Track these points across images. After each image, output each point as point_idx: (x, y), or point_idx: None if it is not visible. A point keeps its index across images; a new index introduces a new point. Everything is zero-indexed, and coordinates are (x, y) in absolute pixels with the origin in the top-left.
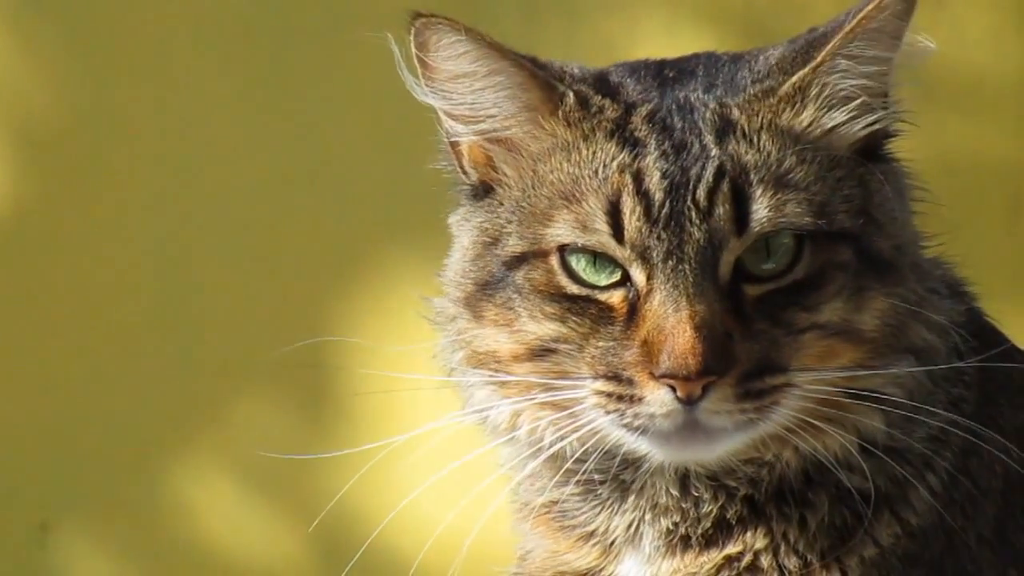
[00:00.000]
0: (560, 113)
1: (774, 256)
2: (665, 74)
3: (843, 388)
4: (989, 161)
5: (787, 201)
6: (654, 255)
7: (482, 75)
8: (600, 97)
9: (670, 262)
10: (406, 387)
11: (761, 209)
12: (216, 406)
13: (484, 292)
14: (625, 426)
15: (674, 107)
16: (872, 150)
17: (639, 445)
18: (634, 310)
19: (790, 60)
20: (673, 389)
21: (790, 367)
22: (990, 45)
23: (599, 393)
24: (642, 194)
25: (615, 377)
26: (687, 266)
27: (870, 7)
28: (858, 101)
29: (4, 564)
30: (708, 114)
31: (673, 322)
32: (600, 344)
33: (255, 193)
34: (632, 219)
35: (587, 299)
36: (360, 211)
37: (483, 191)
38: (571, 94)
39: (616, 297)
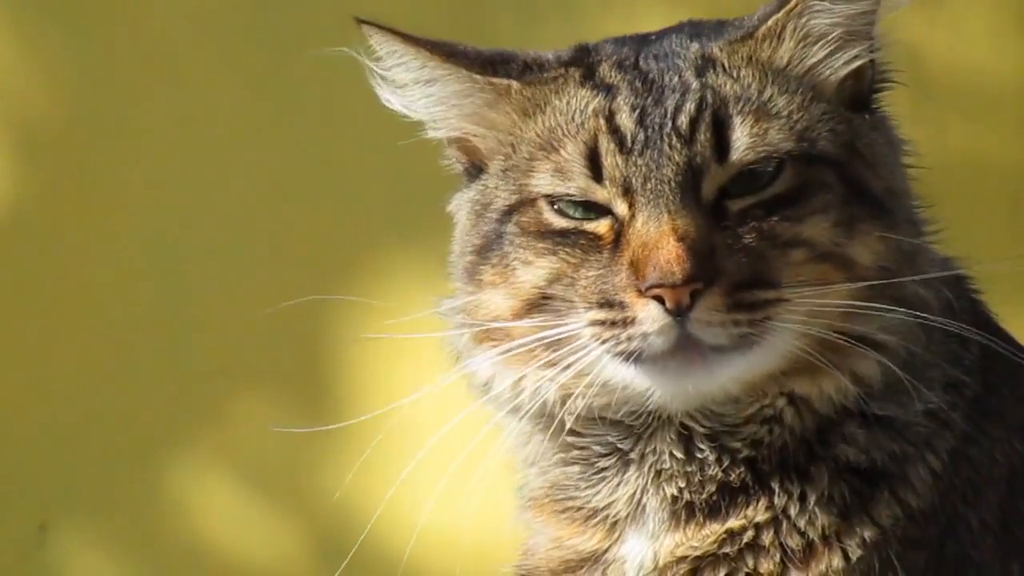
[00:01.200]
0: (512, 97)
1: (758, 180)
2: (648, 38)
3: (839, 331)
4: (989, 161)
5: (768, 129)
6: (633, 182)
7: (427, 81)
8: (557, 69)
9: (649, 184)
10: (408, 351)
11: (742, 137)
12: (215, 406)
13: (481, 256)
14: (620, 354)
15: (651, 55)
16: (861, 100)
17: (637, 380)
18: (619, 237)
19: (772, 7)
20: (662, 301)
21: (782, 283)
22: (990, 45)
23: (594, 323)
24: (615, 131)
25: (607, 303)
26: (667, 186)
27: None
28: (835, 35)
29: (4, 564)
30: (689, 54)
31: (656, 236)
32: (591, 273)
33: (255, 193)
34: (608, 156)
35: (576, 231)
36: (360, 211)
37: (475, 172)
38: (515, 83)
39: (603, 226)
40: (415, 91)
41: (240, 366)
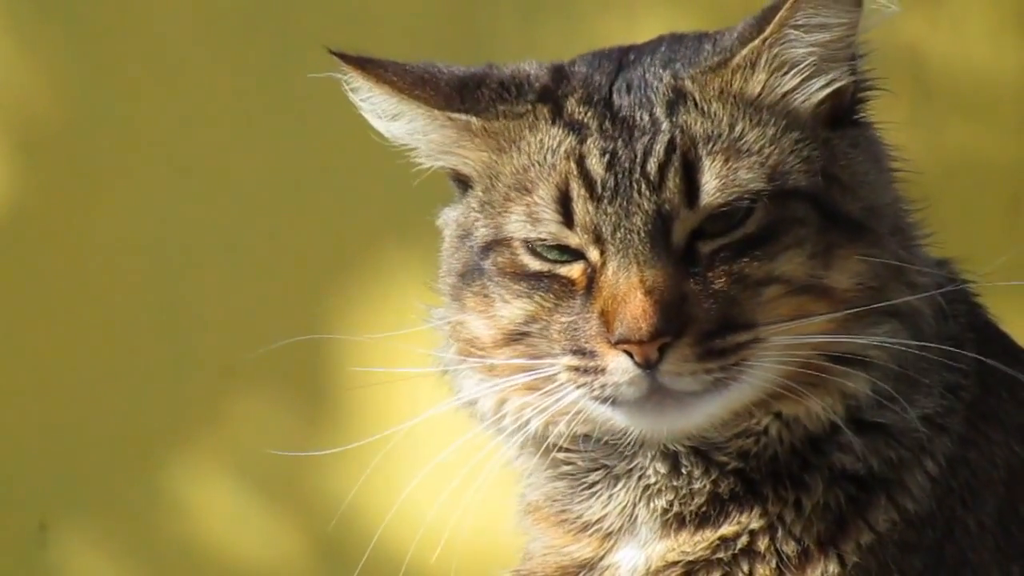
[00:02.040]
0: (493, 121)
1: (729, 220)
2: (627, 58)
3: (824, 352)
4: (989, 161)
5: (738, 168)
6: (604, 230)
7: (394, 115)
8: (526, 104)
9: (619, 233)
10: (404, 378)
11: (712, 180)
12: (215, 406)
13: (463, 281)
14: (596, 398)
15: (623, 86)
16: (841, 116)
17: (615, 418)
18: (592, 283)
19: (747, 33)
20: (631, 355)
21: (757, 323)
22: (990, 45)
23: (569, 368)
24: (585, 176)
25: (580, 351)
26: (635, 236)
27: None
28: (810, 62)
29: (4, 564)
30: (661, 87)
31: (624, 289)
32: (564, 319)
33: (255, 193)
34: (579, 203)
35: (550, 275)
36: (360, 211)
37: (465, 185)
38: (474, 120)
39: (576, 270)
40: (389, 122)
41: (240, 366)
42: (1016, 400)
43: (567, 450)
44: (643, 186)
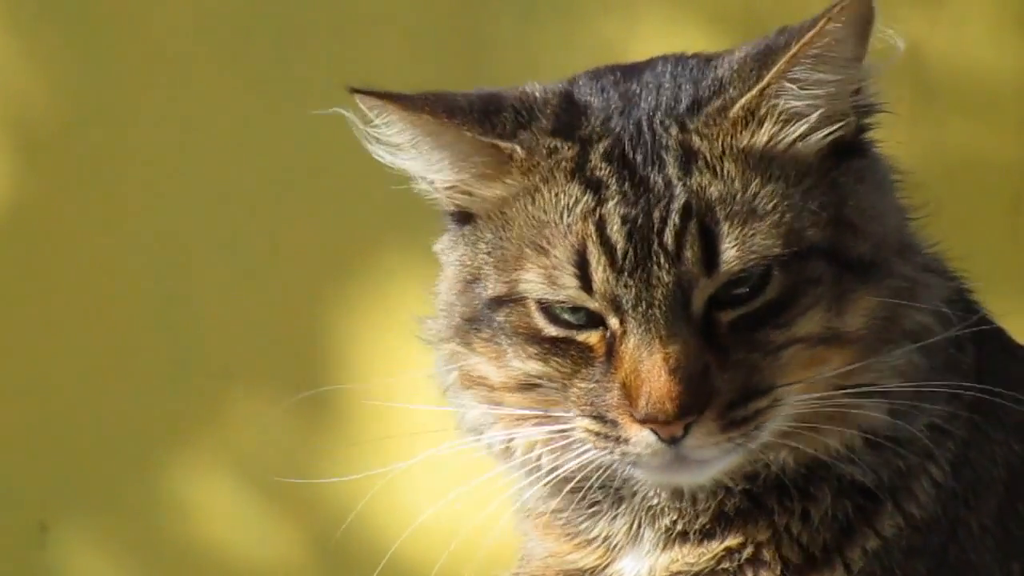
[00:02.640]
0: (512, 167)
1: (746, 283)
2: (631, 89)
3: (840, 387)
4: (989, 161)
5: (755, 233)
6: (624, 302)
7: (425, 145)
8: (551, 138)
9: (640, 307)
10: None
11: (730, 249)
12: (215, 407)
13: (472, 326)
14: (616, 459)
15: (635, 134)
16: (844, 151)
17: (631, 473)
18: (612, 350)
19: (746, 73)
20: (656, 431)
21: (776, 385)
22: (990, 45)
23: (586, 431)
24: (605, 243)
25: (600, 417)
26: (657, 310)
27: (811, 33)
28: (816, 114)
29: (4, 564)
30: (671, 142)
31: (648, 366)
32: (582, 385)
33: (255, 193)
34: (599, 270)
35: (567, 340)
36: (361, 212)
37: (465, 217)
38: (518, 149)
39: (594, 337)
40: (408, 153)
41: (240, 366)
42: (1015, 398)
43: (573, 479)
44: (662, 258)
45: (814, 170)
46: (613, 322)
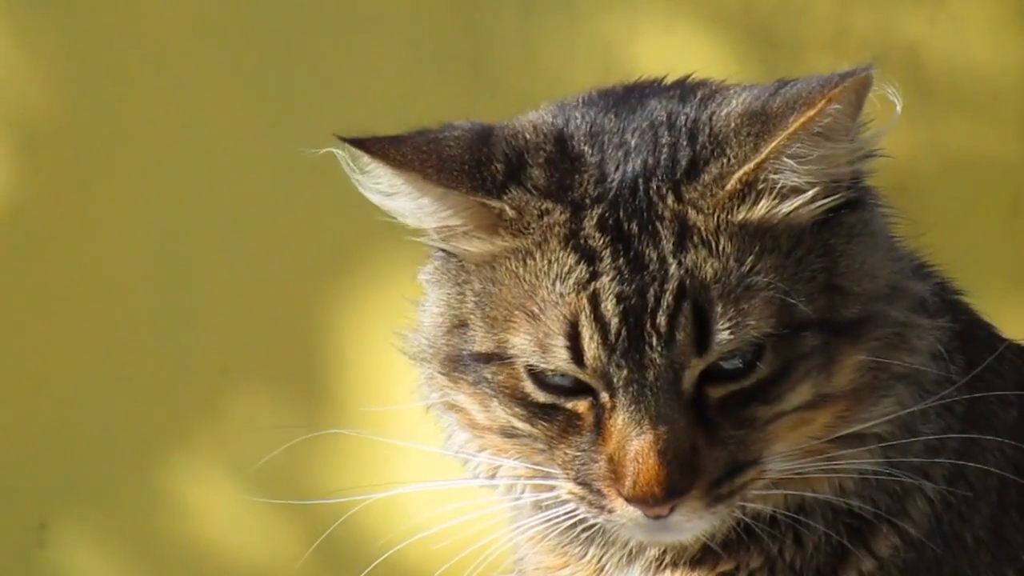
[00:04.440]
0: (501, 227)
1: (736, 359)
2: (625, 139)
3: (829, 435)
4: (989, 161)
5: (749, 312)
6: (615, 380)
7: (412, 196)
8: (543, 199)
9: (631, 388)
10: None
11: (723, 331)
12: (215, 406)
13: (457, 367)
14: (601, 521)
15: (630, 199)
16: (836, 210)
17: (617, 529)
18: (600, 421)
19: (743, 138)
20: (642, 510)
21: (760, 457)
22: (990, 45)
23: (572, 493)
24: (598, 319)
25: (586, 485)
26: (648, 391)
27: (811, 112)
28: (813, 190)
29: (3, 562)
30: (666, 212)
31: (636, 446)
32: (569, 452)
33: (255, 193)
34: (591, 346)
35: (554, 407)
36: (360, 211)
37: (452, 257)
38: (507, 209)
39: (582, 406)
40: (397, 200)
41: (240, 366)
42: (1003, 401)
43: (558, 515)
44: (654, 339)
45: (807, 236)
46: (603, 396)
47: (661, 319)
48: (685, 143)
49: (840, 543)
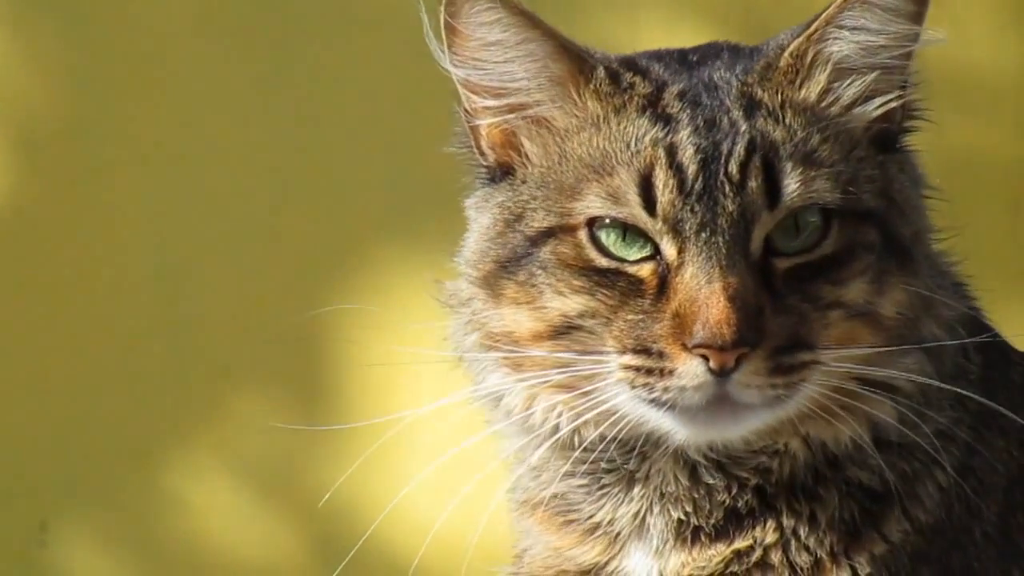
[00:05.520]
0: (591, 87)
1: (803, 233)
2: (689, 59)
3: (858, 377)
4: (989, 161)
5: (816, 177)
6: (687, 228)
7: (513, 43)
8: (631, 74)
9: (703, 234)
10: (410, 362)
11: (792, 183)
12: (215, 405)
13: (505, 270)
14: (652, 401)
15: (701, 86)
16: (888, 142)
17: (663, 422)
18: (664, 283)
19: (798, 29)
20: (706, 360)
21: (818, 345)
22: (990, 44)
23: (627, 368)
24: (675, 167)
25: (644, 350)
26: (720, 238)
27: None
28: (866, 75)
29: (4, 564)
30: (733, 92)
31: (707, 293)
32: (629, 317)
33: (255, 192)
34: (666, 192)
35: (616, 272)
36: (360, 211)
37: (501, 173)
38: (601, 68)
39: (646, 270)
40: (498, 52)
41: (240, 366)
42: (1014, 404)
43: (586, 449)
44: (727, 187)
45: (864, 146)
46: (670, 251)
47: (733, 167)
48: (749, 53)
49: (852, 522)
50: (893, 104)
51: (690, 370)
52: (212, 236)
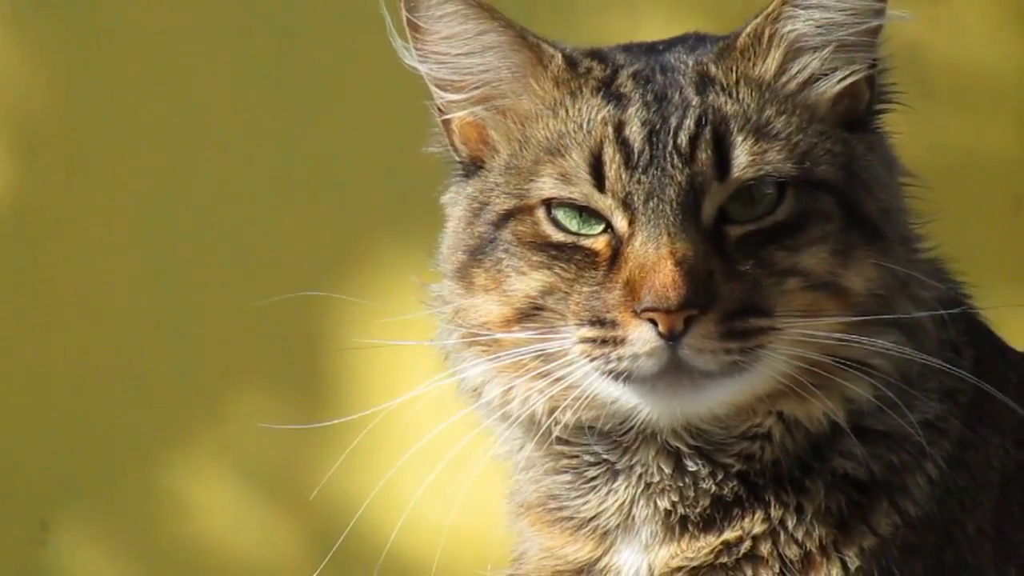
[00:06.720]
0: (549, 73)
1: (759, 205)
2: (656, 48)
3: (830, 354)
4: (989, 161)
5: (768, 149)
6: (635, 199)
7: (472, 35)
8: (589, 60)
9: (651, 203)
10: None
11: (742, 155)
12: (215, 405)
13: (474, 258)
14: (610, 372)
15: (658, 67)
16: (857, 120)
17: (625, 397)
18: (617, 254)
19: (755, 16)
20: (655, 324)
21: (775, 311)
22: (990, 44)
23: (584, 340)
24: (622, 142)
25: (599, 321)
26: (668, 206)
27: None
28: (821, 46)
29: (4, 563)
30: (689, 71)
31: (654, 258)
32: (584, 290)
33: (255, 192)
34: (612, 167)
35: (572, 246)
36: (359, 210)
37: (473, 168)
38: (560, 55)
39: (600, 242)
40: (456, 44)
41: (239, 366)
42: (1008, 403)
43: (568, 442)
44: (675, 158)
45: (827, 121)
46: (621, 224)
47: (683, 139)
48: (711, 43)
49: (840, 515)
50: (856, 79)
51: (641, 336)
52: (212, 236)
